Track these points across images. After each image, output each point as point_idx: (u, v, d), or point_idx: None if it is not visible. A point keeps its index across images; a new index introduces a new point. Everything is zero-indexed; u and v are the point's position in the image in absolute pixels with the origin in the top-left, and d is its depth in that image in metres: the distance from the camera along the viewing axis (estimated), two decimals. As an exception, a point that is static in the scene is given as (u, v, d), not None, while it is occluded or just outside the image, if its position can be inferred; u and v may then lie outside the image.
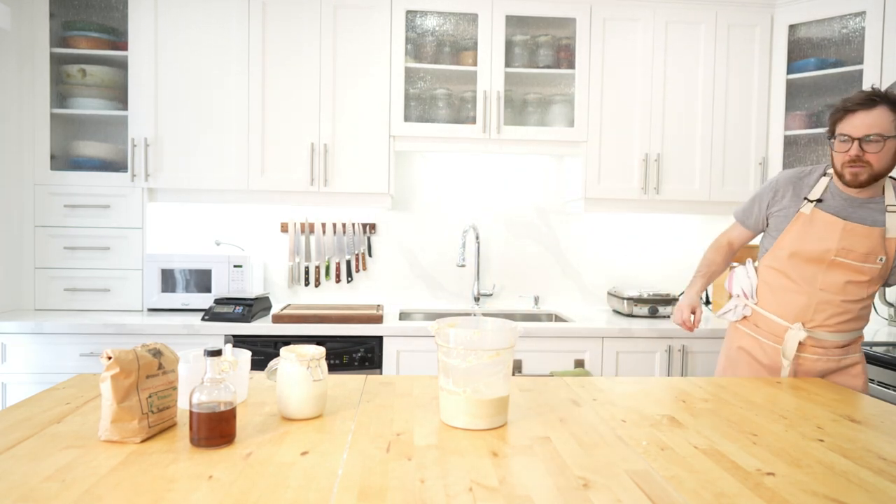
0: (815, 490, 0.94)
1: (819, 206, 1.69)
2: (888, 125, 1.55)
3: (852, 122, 1.58)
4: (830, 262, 1.67)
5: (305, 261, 3.00)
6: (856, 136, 1.56)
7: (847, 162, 1.60)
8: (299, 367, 1.21)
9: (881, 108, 1.55)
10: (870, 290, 1.69)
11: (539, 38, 2.83)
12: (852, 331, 1.74)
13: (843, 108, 1.60)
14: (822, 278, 1.69)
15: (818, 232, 1.67)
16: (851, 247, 1.64)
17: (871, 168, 1.58)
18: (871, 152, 1.56)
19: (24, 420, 1.19)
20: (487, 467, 1.00)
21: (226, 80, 2.65)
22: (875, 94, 1.56)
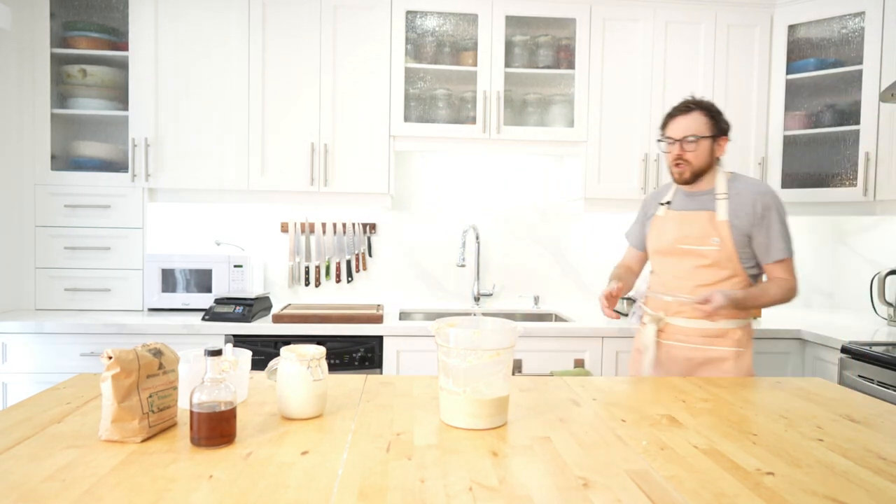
0: (814, 490, 0.94)
1: (669, 207, 1.95)
2: (702, 127, 1.83)
3: (673, 127, 1.86)
4: (677, 250, 1.87)
5: (306, 261, 3.00)
6: (677, 138, 1.84)
7: (672, 161, 1.87)
8: (299, 366, 1.21)
9: (696, 113, 1.84)
10: (718, 274, 1.82)
11: (539, 38, 2.83)
12: (713, 318, 1.81)
13: (667, 115, 1.90)
14: (676, 267, 1.88)
15: (665, 227, 1.92)
16: (688, 232, 1.85)
17: (691, 165, 1.84)
18: (689, 151, 1.83)
19: (24, 420, 1.19)
20: (487, 467, 1.00)
21: (226, 80, 2.65)
22: (692, 102, 1.86)
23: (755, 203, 1.81)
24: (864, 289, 3.00)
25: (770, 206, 1.81)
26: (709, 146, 1.84)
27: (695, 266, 1.84)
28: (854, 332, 2.47)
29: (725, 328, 1.84)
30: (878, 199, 2.59)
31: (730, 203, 1.83)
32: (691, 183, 1.87)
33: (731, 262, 1.81)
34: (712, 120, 1.85)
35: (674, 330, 1.89)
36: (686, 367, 1.88)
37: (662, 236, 1.92)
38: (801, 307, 3.20)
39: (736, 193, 1.83)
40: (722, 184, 1.86)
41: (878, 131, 2.58)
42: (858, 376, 2.16)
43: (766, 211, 1.81)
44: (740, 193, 1.83)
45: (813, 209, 2.80)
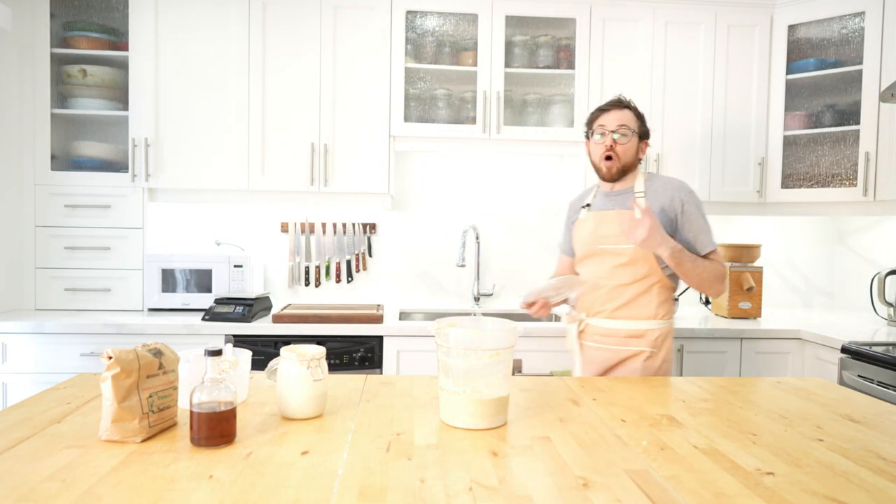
0: (814, 490, 0.94)
1: (588, 210, 1.95)
2: (633, 123, 1.86)
3: (607, 118, 1.86)
4: (597, 251, 1.86)
5: (306, 261, 3.00)
6: (610, 129, 1.84)
7: (603, 154, 1.85)
8: (299, 366, 1.21)
9: (628, 111, 1.86)
10: (636, 272, 1.81)
11: (539, 38, 2.83)
12: (630, 319, 1.82)
13: (598, 109, 1.90)
14: (597, 268, 1.87)
15: (585, 228, 1.91)
16: (606, 232, 1.84)
17: (620, 160, 1.84)
18: (621, 144, 1.83)
19: (24, 420, 1.19)
20: (487, 467, 1.01)
21: (226, 81, 2.65)
22: (623, 100, 1.88)
23: (672, 199, 1.81)
24: (864, 289, 3.00)
25: (688, 200, 1.81)
26: (636, 144, 1.86)
27: (613, 266, 1.83)
28: (854, 332, 2.47)
29: (644, 329, 1.82)
30: (878, 199, 2.59)
31: (647, 201, 1.83)
32: (618, 180, 1.88)
33: (647, 260, 1.79)
34: (639, 120, 1.88)
35: (592, 330, 1.89)
36: (600, 368, 1.87)
37: (583, 239, 1.91)
38: (801, 307, 3.20)
39: (653, 192, 1.84)
40: (640, 183, 1.87)
41: (878, 131, 2.58)
42: (858, 376, 2.16)
43: (684, 206, 1.80)
44: (657, 191, 1.83)
45: (813, 209, 2.80)
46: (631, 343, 1.83)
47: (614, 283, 1.83)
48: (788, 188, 2.83)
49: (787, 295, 3.21)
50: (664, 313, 1.84)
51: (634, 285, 1.82)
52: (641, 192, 1.84)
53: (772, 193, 2.83)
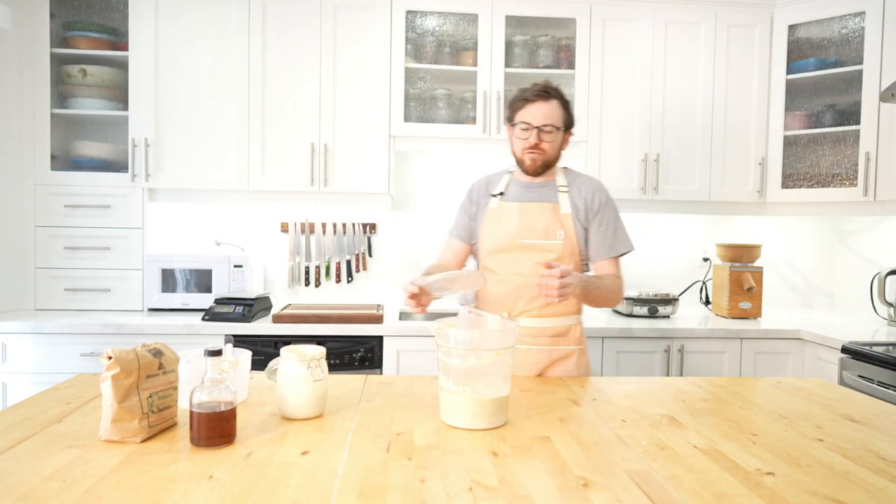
0: (814, 490, 0.94)
1: (502, 199, 1.80)
2: (559, 118, 1.72)
3: (532, 112, 1.70)
4: (519, 245, 1.73)
5: (305, 261, 3.00)
6: (535, 125, 1.69)
7: (527, 149, 1.72)
8: (299, 366, 1.21)
9: (555, 102, 1.71)
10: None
11: (539, 38, 2.83)
12: (558, 315, 1.74)
13: (522, 98, 1.72)
14: (518, 265, 1.73)
15: (503, 220, 1.76)
16: (531, 226, 1.73)
17: (546, 155, 1.72)
18: (547, 141, 1.71)
19: (24, 420, 1.19)
20: (487, 467, 1.00)
21: (226, 81, 2.65)
22: (549, 88, 1.71)
23: (594, 197, 1.76)
24: (864, 289, 3.00)
25: (607, 201, 1.77)
26: (561, 138, 1.75)
27: (537, 262, 1.70)
28: (854, 332, 2.47)
29: (568, 325, 1.75)
30: (878, 199, 2.59)
31: (571, 197, 1.76)
32: (542, 174, 1.77)
33: (573, 256, 1.74)
34: (565, 111, 1.75)
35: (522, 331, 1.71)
36: (532, 370, 1.75)
37: (500, 230, 1.76)
38: (801, 307, 3.20)
39: (576, 187, 1.77)
40: (561, 177, 1.80)
41: (878, 131, 2.58)
42: (858, 376, 2.16)
43: (602, 206, 1.76)
44: (580, 187, 1.77)
45: (813, 209, 2.80)
46: (560, 342, 1.75)
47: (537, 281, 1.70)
48: (789, 188, 2.83)
49: (787, 295, 3.21)
50: (579, 308, 1.79)
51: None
52: (564, 185, 1.77)
53: (772, 193, 2.83)
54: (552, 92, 1.72)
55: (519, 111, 1.73)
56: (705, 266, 3.16)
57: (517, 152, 1.77)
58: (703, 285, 3.08)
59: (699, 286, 3.13)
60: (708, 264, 3.15)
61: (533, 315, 1.74)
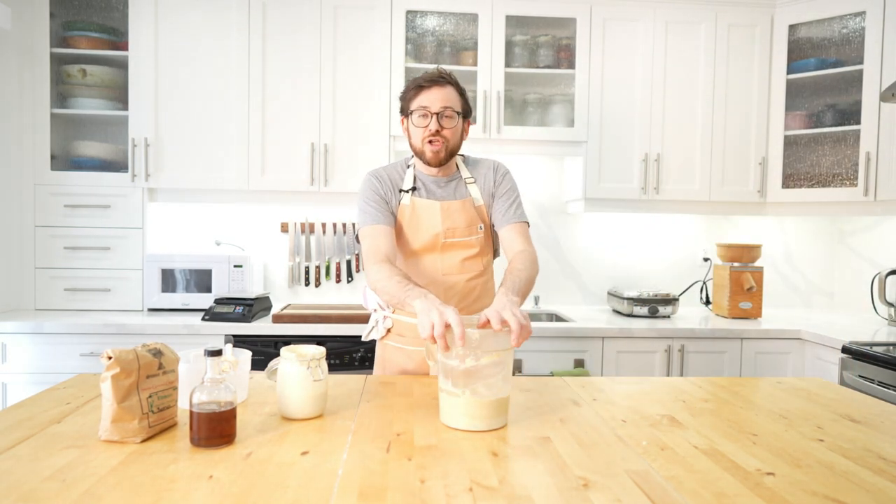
0: (814, 490, 0.94)
1: (415, 195, 1.69)
2: (458, 103, 1.63)
3: (429, 97, 1.60)
4: (442, 244, 1.66)
5: (306, 261, 3.00)
6: (434, 111, 1.59)
7: (427, 138, 1.61)
8: (299, 366, 1.21)
9: (450, 88, 1.62)
10: (482, 261, 1.70)
11: (539, 38, 2.83)
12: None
13: (416, 86, 1.63)
14: (442, 263, 1.67)
15: (423, 220, 1.67)
16: (454, 224, 1.66)
17: (448, 143, 1.62)
18: (447, 127, 1.61)
19: (24, 420, 1.19)
20: (487, 467, 1.00)
21: (226, 81, 2.65)
22: (444, 74, 1.63)
23: (494, 174, 1.72)
24: (864, 289, 3.00)
25: (505, 172, 1.73)
26: (460, 124, 1.66)
27: (462, 259, 1.67)
28: (854, 332, 2.47)
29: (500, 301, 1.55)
30: (879, 199, 2.59)
31: (477, 185, 1.71)
32: (444, 164, 1.67)
33: (488, 244, 1.72)
34: (462, 98, 1.66)
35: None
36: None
37: (423, 231, 1.66)
38: (801, 307, 3.20)
39: (481, 176, 1.72)
40: (464, 169, 1.73)
41: (878, 131, 2.58)
42: (859, 376, 2.16)
43: (503, 178, 1.71)
44: (484, 175, 1.72)
45: (813, 209, 2.80)
46: None
47: (466, 278, 1.68)
48: (789, 188, 2.83)
49: (788, 295, 3.21)
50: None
51: (484, 275, 1.71)
52: (471, 177, 1.71)
53: (772, 193, 2.83)
54: (447, 77, 1.63)
55: (413, 99, 1.63)
56: (705, 266, 3.16)
57: (417, 144, 1.66)
58: (703, 285, 3.08)
59: (699, 286, 3.13)
60: (708, 264, 3.15)
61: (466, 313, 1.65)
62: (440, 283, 1.68)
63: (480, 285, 1.71)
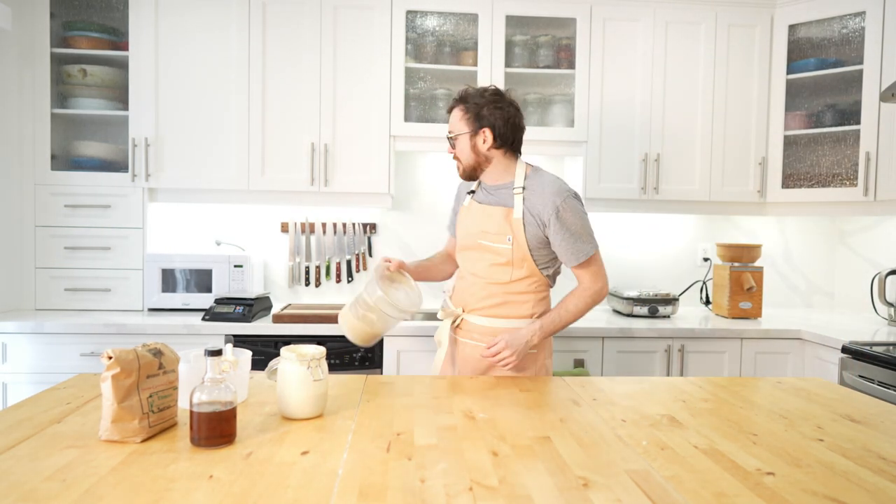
0: (814, 490, 0.94)
1: (472, 198, 1.86)
2: (457, 124, 1.78)
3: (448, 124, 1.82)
4: (477, 245, 1.78)
5: (306, 261, 3.00)
6: (448, 137, 1.82)
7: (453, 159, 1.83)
8: (300, 366, 1.21)
9: (454, 111, 1.79)
10: (514, 273, 1.74)
11: (539, 38, 2.83)
12: (505, 318, 1.76)
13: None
14: (475, 263, 1.80)
15: (468, 220, 1.83)
16: (486, 228, 1.76)
17: (461, 163, 1.80)
18: (455, 148, 1.80)
19: (24, 420, 1.19)
20: (487, 467, 1.00)
21: (226, 81, 2.65)
22: (454, 99, 1.80)
23: (548, 204, 1.69)
24: (864, 289, 3.00)
25: (565, 207, 1.69)
26: (468, 142, 1.76)
27: (490, 263, 1.75)
28: (854, 332, 2.47)
29: (517, 328, 1.73)
30: (878, 199, 2.59)
31: (525, 200, 1.73)
32: (474, 178, 1.83)
33: (525, 261, 1.73)
34: (469, 114, 1.75)
35: (469, 327, 1.80)
36: (479, 366, 1.78)
37: (465, 229, 1.83)
38: (801, 307, 3.20)
39: (532, 191, 1.73)
40: (521, 178, 1.76)
41: (878, 131, 2.58)
42: (859, 376, 2.16)
43: (558, 212, 1.68)
44: (535, 192, 1.72)
45: (813, 209, 2.80)
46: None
47: (487, 281, 1.77)
48: (789, 188, 2.83)
49: (788, 295, 3.21)
50: (541, 311, 1.78)
51: (511, 284, 1.75)
52: (521, 189, 1.74)
53: (772, 193, 2.84)
54: (453, 102, 1.80)
55: None
56: (705, 266, 3.16)
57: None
58: (703, 285, 3.08)
59: (699, 286, 3.13)
60: (708, 264, 3.15)
61: (483, 313, 1.78)
62: (469, 280, 1.83)
63: (503, 293, 1.76)
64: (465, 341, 1.81)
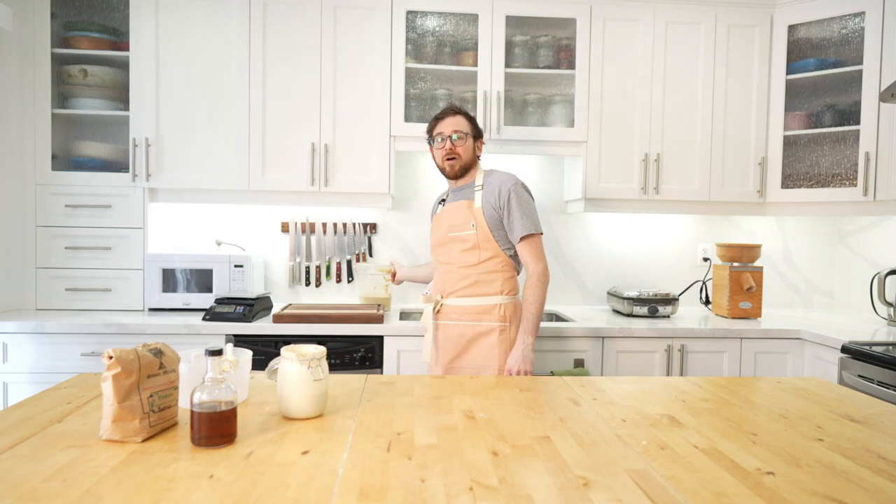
0: (814, 490, 0.94)
1: (443, 205, 2.21)
2: (466, 127, 2.12)
3: (444, 125, 2.11)
4: (447, 239, 2.11)
5: (306, 261, 3.00)
6: (448, 134, 2.09)
7: (445, 156, 2.10)
8: (300, 366, 1.21)
9: (460, 116, 2.12)
10: (480, 255, 2.06)
11: (539, 38, 2.83)
12: (481, 296, 2.07)
13: (435, 118, 2.14)
14: (447, 254, 2.12)
15: (439, 221, 2.17)
16: (453, 221, 2.10)
17: (461, 159, 2.10)
18: (459, 146, 2.09)
19: (25, 420, 1.19)
20: (487, 467, 1.01)
21: (227, 81, 2.65)
22: (455, 107, 2.14)
23: (500, 189, 2.05)
24: (864, 289, 3.00)
25: (511, 190, 2.04)
26: (472, 144, 2.12)
27: (460, 250, 2.08)
28: (854, 332, 2.47)
29: (491, 304, 2.06)
30: (878, 199, 2.59)
31: (483, 192, 2.08)
32: (461, 177, 2.14)
33: (489, 242, 2.05)
34: (471, 123, 2.13)
35: (448, 310, 2.11)
36: (459, 343, 2.08)
37: (437, 230, 2.16)
38: (801, 307, 3.20)
39: (489, 184, 2.08)
40: (479, 178, 2.13)
41: (878, 131, 2.58)
42: (858, 376, 2.16)
43: (508, 195, 2.03)
44: (492, 184, 2.07)
45: (813, 209, 2.80)
46: (484, 318, 2.05)
47: (459, 265, 2.08)
48: (789, 188, 2.83)
49: (787, 295, 3.21)
50: (509, 289, 2.09)
51: (480, 265, 2.06)
52: (480, 185, 2.10)
53: (772, 193, 2.84)
54: (457, 109, 2.13)
55: (434, 129, 2.13)
56: (705, 266, 3.16)
57: (439, 163, 2.14)
58: (703, 285, 3.09)
59: (699, 286, 3.13)
60: (708, 264, 3.15)
61: (458, 295, 2.09)
62: (443, 269, 2.15)
63: (475, 274, 2.07)
64: (445, 323, 2.11)
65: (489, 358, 2.04)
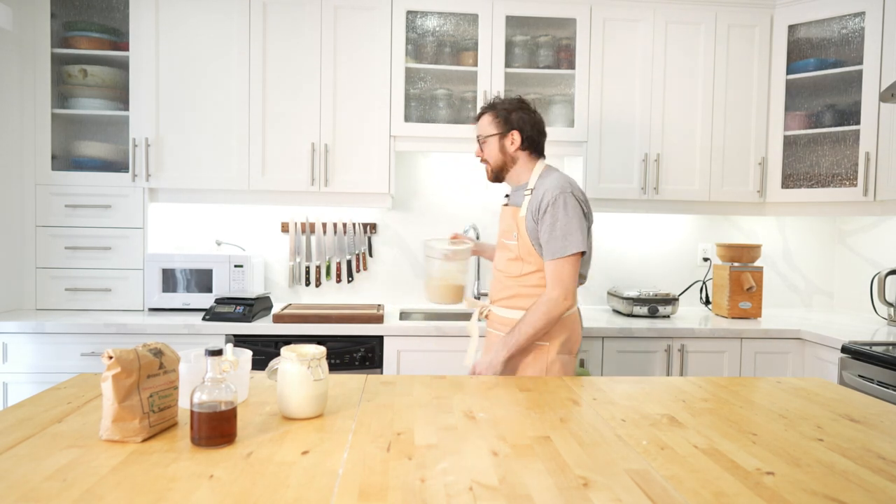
0: (814, 489, 0.94)
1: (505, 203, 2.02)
2: (486, 127, 1.93)
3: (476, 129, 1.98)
4: (501, 244, 1.96)
5: (306, 261, 3.00)
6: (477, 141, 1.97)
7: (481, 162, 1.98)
8: (300, 366, 1.21)
9: (484, 116, 1.94)
10: (524, 267, 1.86)
11: (539, 38, 2.83)
12: (516, 309, 1.87)
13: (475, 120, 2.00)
14: (499, 260, 1.97)
15: (499, 222, 2.02)
16: (504, 227, 1.95)
17: (489, 164, 1.95)
18: (484, 150, 1.95)
19: (24, 419, 1.19)
20: (487, 467, 1.01)
21: (227, 80, 2.65)
22: (483, 107, 1.97)
23: (543, 199, 1.79)
24: (864, 289, 3.00)
25: (551, 203, 1.76)
26: (496, 143, 1.91)
27: (507, 259, 1.91)
28: (854, 332, 2.47)
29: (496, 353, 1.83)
30: (878, 199, 2.59)
31: (531, 199, 1.84)
32: (500, 180, 1.98)
33: (531, 256, 1.84)
34: (499, 118, 1.90)
35: (493, 317, 1.98)
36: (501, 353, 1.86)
37: (498, 230, 2.02)
38: (801, 307, 3.20)
39: (537, 189, 1.84)
40: (534, 179, 1.89)
41: (878, 131, 2.58)
42: (858, 376, 2.16)
43: (546, 207, 1.77)
44: (539, 189, 1.83)
45: (813, 209, 2.80)
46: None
47: (505, 275, 1.93)
48: (789, 188, 2.83)
49: (787, 295, 3.21)
50: None
51: (523, 278, 1.87)
52: (531, 189, 1.86)
53: (772, 193, 2.84)
54: (483, 109, 1.96)
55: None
56: (705, 266, 3.16)
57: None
58: (703, 285, 3.09)
59: (699, 286, 3.13)
60: (708, 264, 3.15)
61: (502, 305, 1.94)
62: (494, 272, 2.00)
63: (516, 286, 1.89)
64: (490, 331, 1.99)
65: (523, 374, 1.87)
